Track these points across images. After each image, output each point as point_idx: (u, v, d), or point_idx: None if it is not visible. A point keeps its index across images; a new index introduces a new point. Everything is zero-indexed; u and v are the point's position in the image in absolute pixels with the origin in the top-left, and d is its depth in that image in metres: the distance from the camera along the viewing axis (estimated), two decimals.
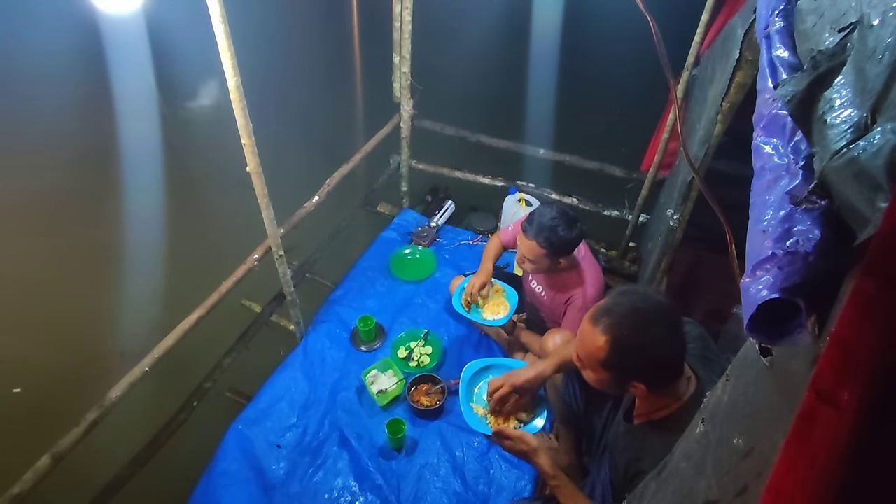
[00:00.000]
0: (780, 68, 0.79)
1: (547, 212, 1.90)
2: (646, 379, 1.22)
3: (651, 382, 1.23)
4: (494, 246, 2.29)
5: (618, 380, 1.25)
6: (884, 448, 0.43)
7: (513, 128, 3.33)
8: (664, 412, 1.27)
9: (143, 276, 2.81)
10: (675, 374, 1.24)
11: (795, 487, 0.47)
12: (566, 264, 2.00)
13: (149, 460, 2.02)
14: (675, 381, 1.25)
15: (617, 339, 1.18)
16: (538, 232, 1.88)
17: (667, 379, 1.24)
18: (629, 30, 2.08)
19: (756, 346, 0.67)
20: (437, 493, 1.94)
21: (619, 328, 1.18)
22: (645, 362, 1.20)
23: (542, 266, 1.98)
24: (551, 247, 1.89)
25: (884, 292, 0.44)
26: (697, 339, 1.43)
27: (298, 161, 3.32)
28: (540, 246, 1.89)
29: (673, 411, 1.25)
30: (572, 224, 1.89)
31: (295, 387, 2.23)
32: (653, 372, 1.22)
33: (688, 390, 1.26)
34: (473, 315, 2.22)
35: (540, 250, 1.90)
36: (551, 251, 1.90)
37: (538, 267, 1.99)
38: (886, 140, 0.45)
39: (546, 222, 1.87)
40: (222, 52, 1.37)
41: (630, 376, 1.23)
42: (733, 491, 0.66)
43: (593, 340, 1.21)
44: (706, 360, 1.37)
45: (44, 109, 2.61)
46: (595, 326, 1.21)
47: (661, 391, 1.25)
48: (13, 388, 2.36)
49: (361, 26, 4.03)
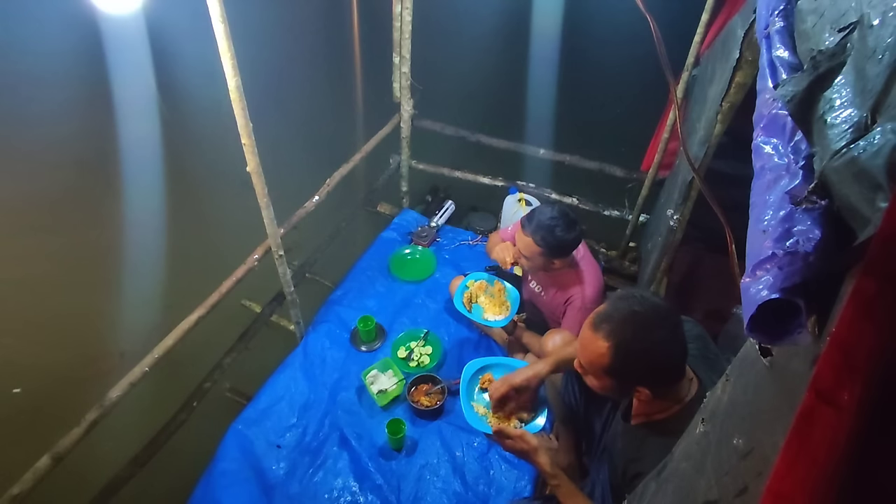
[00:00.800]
0: (780, 68, 0.79)
1: (548, 211, 1.91)
2: (649, 383, 1.21)
3: (655, 386, 1.22)
4: (496, 244, 2.29)
5: (621, 385, 1.24)
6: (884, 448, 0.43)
7: (513, 128, 3.33)
8: (664, 414, 1.27)
9: (143, 276, 2.81)
10: (677, 376, 1.24)
11: (795, 487, 0.47)
12: (561, 265, 2.00)
13: (149, 460, 2.02)
14: (678, 384, 1.25)
15: (619, 345, 1.17)
16: (536, 229, 1.89)
17: (670, 382, 1.23)
18: (629, 30, 2.08)
19: (756, 346, 0.67)
20: (437, 493, 1.94)
21: (621, 333, 1.17)
22: (648, 366, 1.19)
23: (536, 264, 1.98)
24: (547, 246, 1.89)
25: (884, 292, 0.44)
26: (697, 339, 1.43)
27: (298, 161, 3.31)
28: (536, 244, 1.90)
29: (674, 413, 1.25)
30: (571, 226, 1.89)
31: (295, 387, 2.23)
32: (656, 375, 1.21)
33: (689, 392, 1.26)
34: (475, 315, 2.22)
35: (536, 248, 1.91)
36: (547, 250, 1.90)
37: (533, 264, 1.99)
38: (886, 140, 0.45)
39: (545, 221, 1.88)
40: (222, 52, 1.37)
41: (634, 381, 1.22)
42: (733, 491, 0.66)
43: (595, 347, 1.20)
44: (706, 360, 1.37)
45: (44, 109, 2.61)
46: (596, 333, 1.20)
47: (663, 394, 1.25)
48: (13, 389, 2.36)
49: (361, 26, 4.03)
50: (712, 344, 1.46)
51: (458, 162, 3.19)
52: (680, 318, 1.23)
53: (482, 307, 2.25)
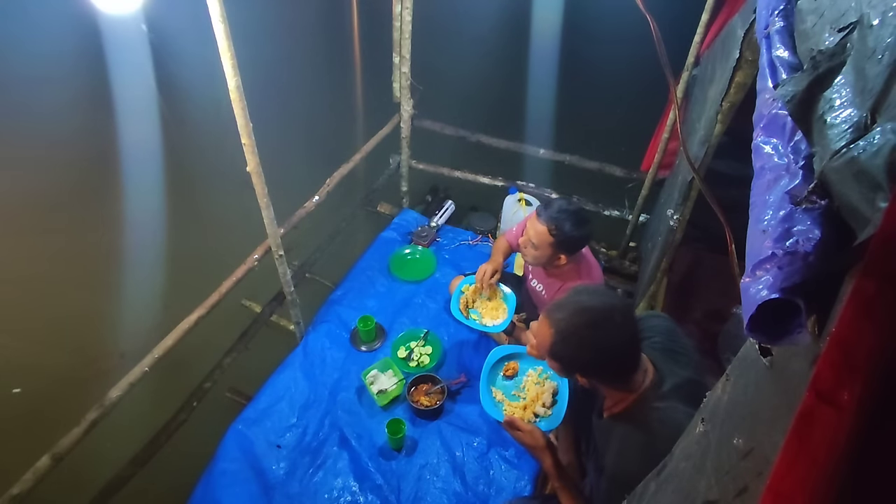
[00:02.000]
0: (780, 68, 0.79)
1: (566, 203, 1.94)
2: (589, 373, 1.32)
3: (597, 376, 1.33)
4: (503, 244, 2.30)
5: (564, 369, 1.35)
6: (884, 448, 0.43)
7: (513, 128, 3.33)
8: (622, 405, 1.33)
9: (143, 277, 2.81)
10: (625, 369, 1.29)
11: (795, 487, 0.47)
12: (566, 261, 2.00)
13: (149, 460, 2.02)
14: (630, 376, 1.30)
15: (560, 333, 1.28)
16: (552, 218, 1.90)
17: (617, 374, 1.30)
18: (629, 30, 2.08)
19: (756, 346, 0.67)
20: (437, 493, 1.94)
21: (565, 324, 1.27)
22: (588, 358, 1.29)
23: (543, 255, 1.98)
24: (559, 236, 1.90)
25: (884, 292, 0.44)
26: (664, 333, 1.47)
27: (298, 161, 3.32)
28: (549, 233, 1.90)
29: (629, 404, 1.31)
30: (584, 223, 1.92)
31: (295, 387, 2.23)
32: (597, 368, 1.31)
33: (644, 382, 1.30)
34: (472, 322, 2.21)
35: (548, 237, 1.91)
36: (557, 241, 1.92)
37: (539, 255, 1.98)
38: (886, 140, 0.45)
39: (563, 207, 1.91)
40: (222, 52, 1.37)
41: (573, 368, 1.33)
42: (733, 491, 0.66)
43: (543, 331, 1.32)
44: (671, 352, 1.40)
45: (44, 110, 2.61)
46: (546, 318, 1.32)
47: (613, 385, 1.33)
48: (13, 389, 2.36)
49: (361, 26, 4.03)
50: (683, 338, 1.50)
51: (458, 162, 3.20)
52: (632, 315, 1.32)
53: (479, 312, 2.24)
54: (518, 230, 2.22)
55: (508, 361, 1.89)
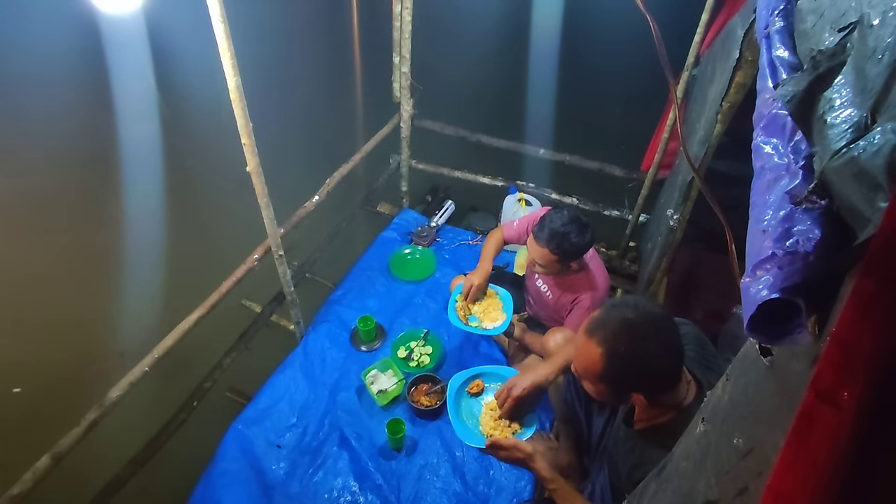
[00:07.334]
0: (780, 68, 0.79)
1: (558, 218, 1.87)
2: (643, 390, 1.23)
3: (649, 393, 1.23)
4: (495, 241, 2.27)
5: (615, 392, 1.25)
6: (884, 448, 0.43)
7: (513, 128, 3.33)
8: (665, 418, 1.27)
9: (143, 276, 2.81)
10: (672, 382, 1.24)
11: (795, 487, 0.47)
12: (577, 267, 2.00)
13: (149, 460, 2.02)
14: (674, 389, 1.25)
15: (611, 352, 1.18)
16: (550, 238, 1.86)
17: (665, 388, 1.24)
18: (629, 30, 2.08)
19: (756, 346, 0.67)
20: (437, 493, 1.94)
21: (614, 341, 1.18)
22: (641, 374, 1.20)
23: (552, 270, 1.98)
24: (563, 253, 1.88)
25: (884, 292, 0.44)
26: (694, 341, 1.43)
27: (298, 161, 3.32)
28: (552, 252, 1.88)
29: (674, 417, 1.25)
30: (584, 229, 1.87)
31: (295, 387, 2.23)
32: (649, 383, 1.22)
33: (688, 395, 1.26)
34: (473, 328, 2.20)
35: (552, 256, 1.89)
36: (563, 257, 1.89)
37: (549, 270, 1.99)
38: (886, 140, 0.45)
39: (559, 228, 1.85)
40: (222, 52, 1.37)
41: (628, 388, 1.23)
42: (733, 491, 0.66)
43: (588, 353, 1.21)
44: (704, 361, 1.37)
45: (44, 110, 2.61)
46: (590, 339, 1.21)
47: (660, 400, 1.26)
48: (13, 389, 2.36)
49: (361, 26, 4.03)
50: (709, 345, 1.46)
51: (458, 162, 3.19)
52: (675, 324, 1.23)
53: (477, 317, 2.23)
54: (517, 227, 2.21)
55: (470, 383, 1.86)
